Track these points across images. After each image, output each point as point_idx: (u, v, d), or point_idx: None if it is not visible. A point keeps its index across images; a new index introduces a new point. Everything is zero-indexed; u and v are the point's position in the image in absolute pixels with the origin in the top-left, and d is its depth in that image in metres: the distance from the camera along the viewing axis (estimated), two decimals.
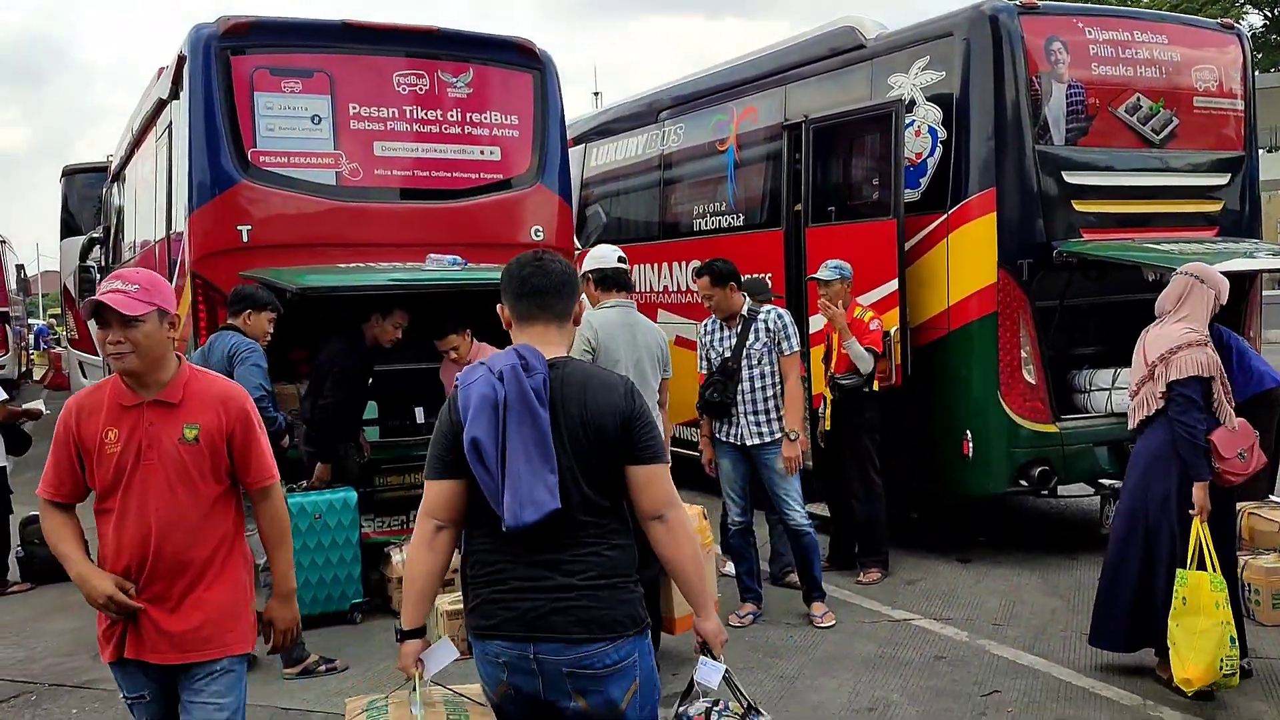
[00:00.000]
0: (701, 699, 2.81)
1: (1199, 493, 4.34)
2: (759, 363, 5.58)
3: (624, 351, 4.85)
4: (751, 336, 5.60)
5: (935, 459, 6.64)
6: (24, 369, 22.86)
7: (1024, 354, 6.35)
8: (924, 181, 6.76)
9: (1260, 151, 7.15)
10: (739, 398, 5.57)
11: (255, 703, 4.88)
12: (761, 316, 5.63)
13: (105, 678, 5.27)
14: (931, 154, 6.71)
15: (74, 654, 5.70)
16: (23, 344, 23.44)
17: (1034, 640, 5.36)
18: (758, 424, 5.58)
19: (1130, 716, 4.42)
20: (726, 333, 5.69)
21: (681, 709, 2.82)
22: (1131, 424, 4.60)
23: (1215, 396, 4.37)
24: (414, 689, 2.73)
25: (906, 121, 6.71)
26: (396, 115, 6.94)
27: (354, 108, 6.81)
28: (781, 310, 5.76)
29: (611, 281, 5.12)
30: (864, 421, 6.28)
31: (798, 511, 5.63)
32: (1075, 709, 4.52)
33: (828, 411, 6.39)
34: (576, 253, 8.17)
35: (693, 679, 2.79)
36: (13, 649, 5.84)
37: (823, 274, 6.37)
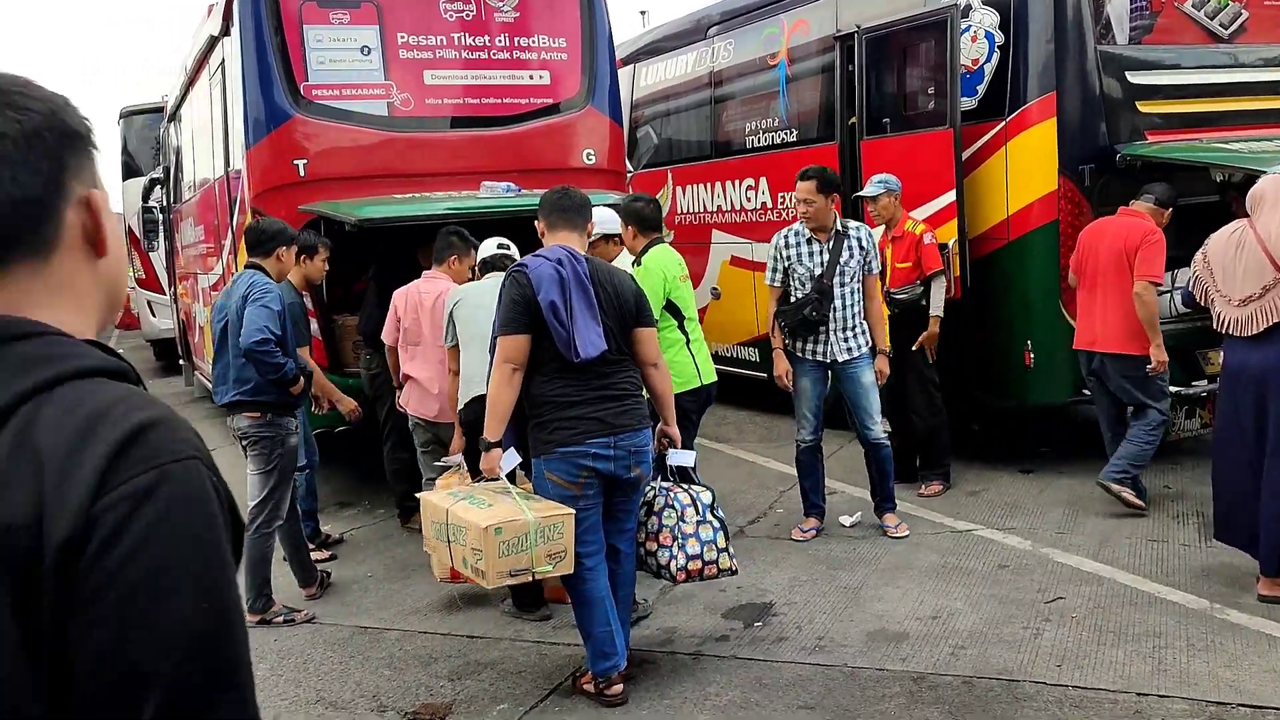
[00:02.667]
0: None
1: None
2: (851, 279, 5.53)
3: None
4: (845, 253, 5.52)
5: (996, 370, 6.60)
6: None
7: (1068, 283, 6.23)
8: (981, 89, 6.60)
9: None
10: (830, 315, 5.52)
11: (333, 622, 5.11)
12: (854, 233, 5.56)
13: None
14: (989, 60, 6.54)
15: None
16: None
17: (1098, 548, 5.37)
18: (847, 340, 5.56)
19: (1197, 620, 4.43)
20: (817, 247, 5.57)
21: (655, 484, 4.21)
22: (1251, 330, 4.38)
23: None
24: (505, 488, 3.92)
25: (962, 27, 6.54)
26: (445, 43, 6.94)
27: (402, 37, 6.82)
28: (870, 228, 5.73)
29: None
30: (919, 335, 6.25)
31: (878, 425, 5.67)
32: (1141, 613, 4.54)
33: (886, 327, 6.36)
34: (629, 175, 8.15)
35: (667, 463, 4.24)
36: None
37: (869, 190, 6.27)
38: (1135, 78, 6.32)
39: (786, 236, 5.69)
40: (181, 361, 12.93)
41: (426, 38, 6.88)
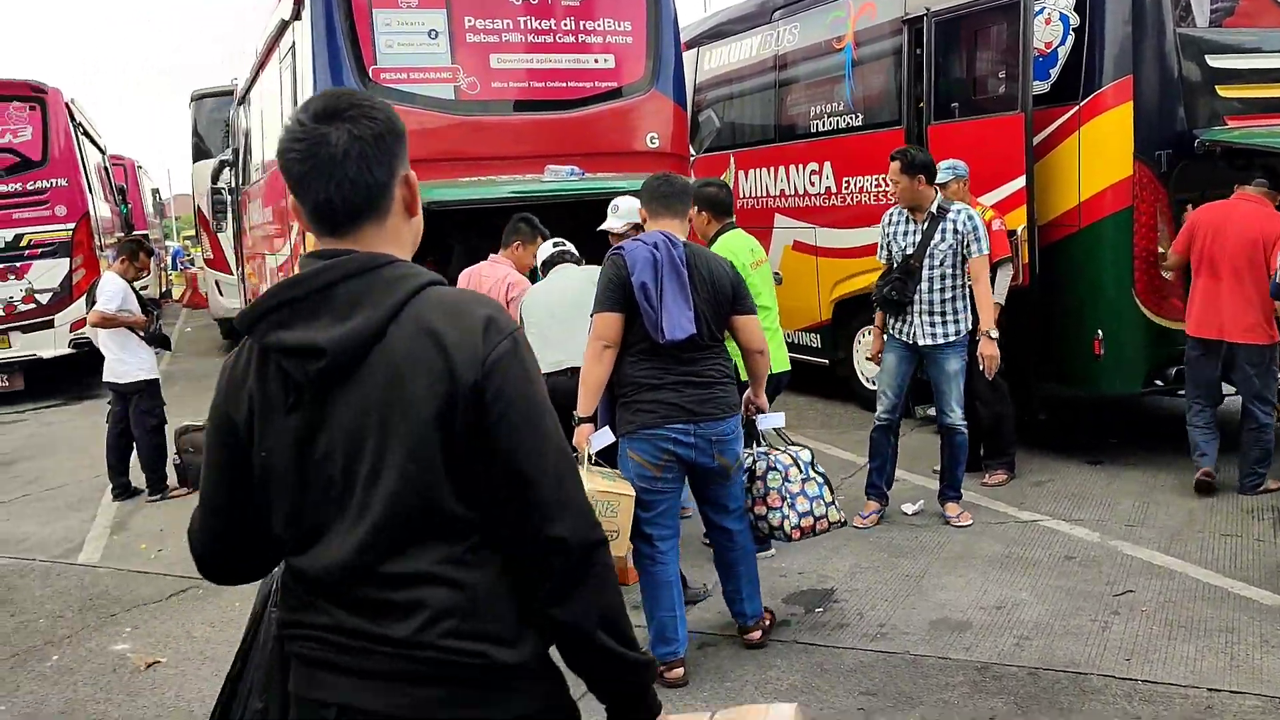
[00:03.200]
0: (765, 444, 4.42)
1: None
2: (941, 263, 5.46)
3: None
4: (938, 235, 5.48)
5: (1064, 360, 6.49)
6: (164, 289, 24.00)
7: (1161, 249, 6.11)
8: (1054, 72, 6.47)
9: None
10: (916, 297, 5.49)
11: None
12: (951, 216, 5.49)
13: None
14: (1062, 43, 6.41)
15: None
16: (161, 266, 24.59)
17: (1169, 542, 5.27)
18: (932, 324, 5.51)
19: (1272, 616, 4.34)
20: (912, 227, 5.57)
21: (752, 451, 4.32)
22: None
23: None
24: (581, 460, 3.88)
25: (1036, 9, 6.41)
26: (511, 27, 6.96)
27: (469, 21, 6.86)
28: (973, 210, 5.62)
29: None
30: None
31: (956, 412, 5.63)
32: (1214, 608, 4.45)
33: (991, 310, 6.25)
34: (691, 159, 8.13)
35: (758, 429, 4.42)
36: (179, 548, 6.25)
37: (937, 175, 6.18)
38: (1215, 61, 6.17)
39: (891, 215, 5.71)
40: None
41: (493, 21, 6.91)
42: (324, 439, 1.53)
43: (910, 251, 5.50)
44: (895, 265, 5.59)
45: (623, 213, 5.22)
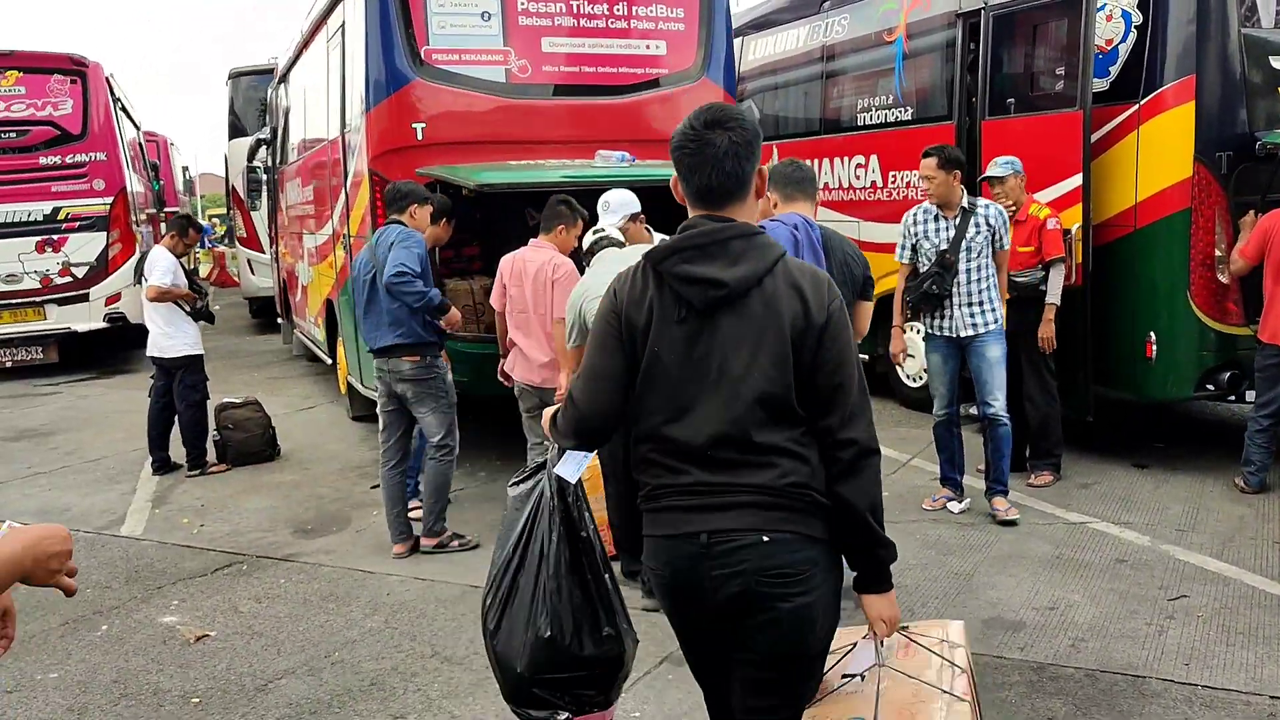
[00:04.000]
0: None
1: None
2: (977, 255, 5.55)
3: None
4: (972, 229, 5.57)
5: (1115, 361, 6.42)
6: (192, 266, 24.05)
7: (1218, 252, 6.03)
8: (1114, 70, 6.39)
9: None
10: (954, 290, 5.57)
11: (444, 579, 5.19)
12: (981, 210, 5.60)
13: (305, 553, 5.68)
14: (1124, 40, 6.32)
15: (274, 529, 6.12)
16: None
17: (1222, 547, 5.21)
18: (972, 315, 5.60)
19: None
20: (944, 224, 5.64)
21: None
22: None
23: None
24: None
25: (1098, 5, 6.33)
26: (563, 10, 6.94)
27: (522, 3, 6.84)
28: (998, 205, 5.72)
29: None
30: (1040, 321, 6.10)
31: (1000, 402, 5.66)
32: (1271, 615, 4.39)
33: (1004, 311, 6.23)
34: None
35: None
36: (220, 523, 6.31)
37: (995, 170, 6.13)
38: (1279, 63, 6.06)
39: (916, 214, 5.76)
40: (280, 320, 13.23)
41: (546, 5, 6.88)
42: (704, 343, 2.22)
43: (945, 247, 5.58)
44: (930, 261, 5.63)
45: (614, 207, 5.15)
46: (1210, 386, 6.21)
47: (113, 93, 13.13)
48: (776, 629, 2.21)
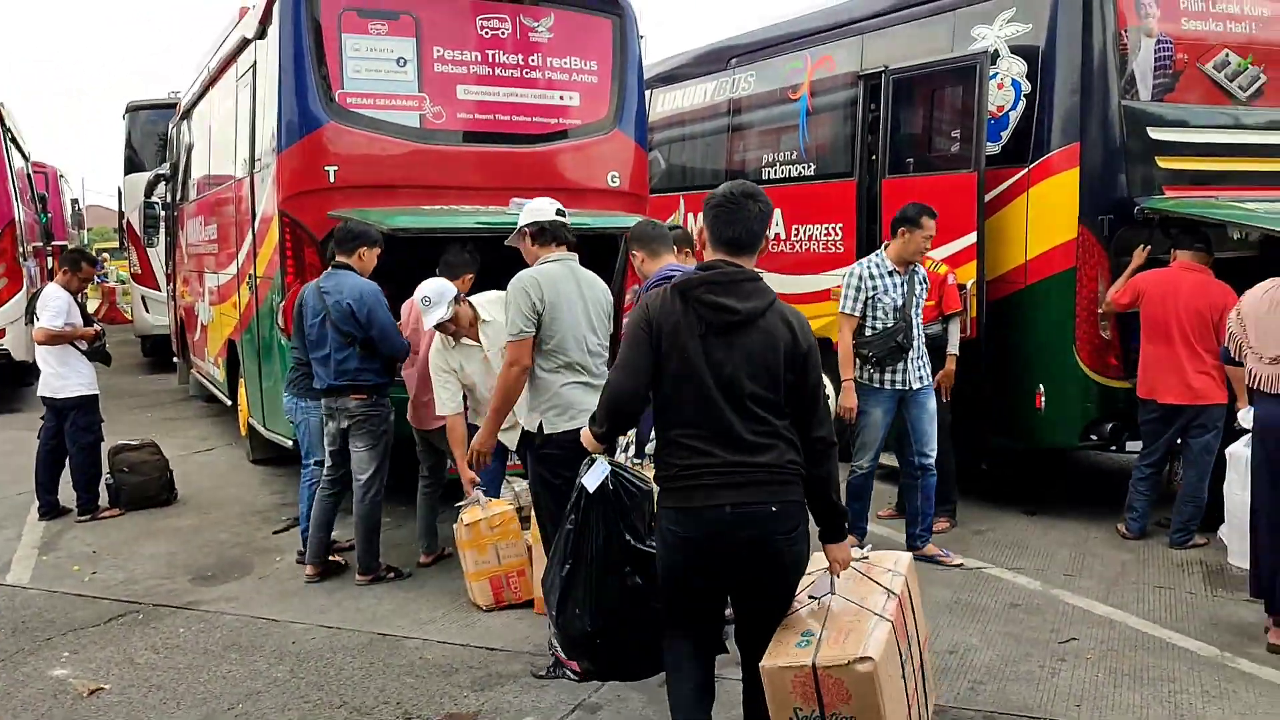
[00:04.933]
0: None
1: None
2: (918, 310, 5.84)
3: (569, 308, 4.41)
4: (919, 286, 5.85)
5: (1007, 411, 6.70)
6: (80, 301, 23.20)
7: (1101, 310, 6.37)
8: (1005, 135, 6.74)
9: None
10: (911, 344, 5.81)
11: (352, 628, 5.11)
12: (914, 268, 5.88)
13: (205, 600, 5.54)
14: (1014, 107, 6.68)
15: (172, 576, 5.95)
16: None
17: (1106, 592, 5.46)
18: (919, 368, 5.87)
19: (1209, 667, 4.53)
20: (898, 279, 5.81)
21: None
22: None
23: None
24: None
25: (990, 74, 6.68)
26: (479, 59, 7.02)
27: (438, 51, 6.90)
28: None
29: (550, 235, 4.62)
30: (939, 371, 6.34)
31: (935, 452, 5.93)
32: (1154, 657, 4.63)
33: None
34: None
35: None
36: (114, 570, 6.10)
37: None
38: (1156, 133, 6.47)
39: (869, 268, 5.85)
40: (176, 360, 12.87)
41: (462, 53, 6.95)
42: (719, 356, 3.03)
43: (901, 303, 5.76)
44: (888, 316, 5.75)
45: (435, 301, 5.24)
46: (1094, 436, 6.52)
47: (2, 122, 12.70)
48: (782, 570, 3.15)
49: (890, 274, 5.81)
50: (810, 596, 3.36)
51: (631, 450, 4.49)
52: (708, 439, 3.03)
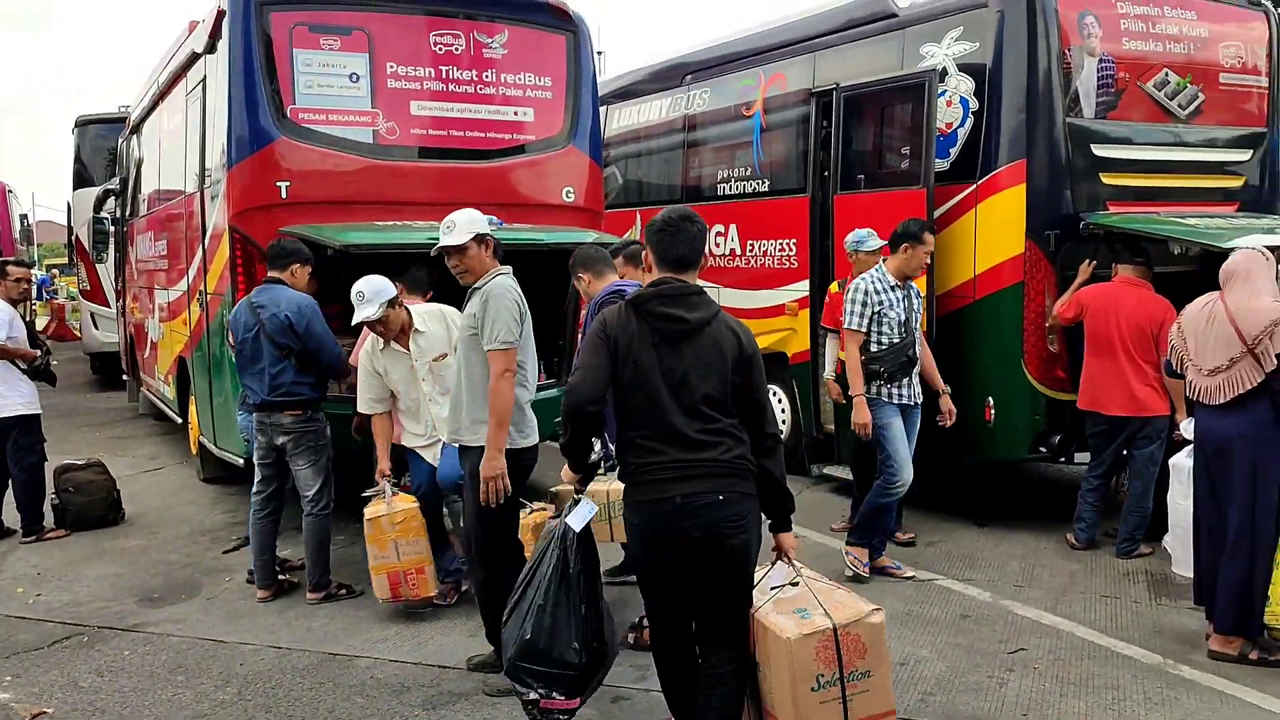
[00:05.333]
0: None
1: None
2: (918, 324, 5.91)
3: (528, 322, 4.54)
4: (916, 301, 5.91)
5: (958, 424, 6.76)
6: (28, 319, 22.80)
7: (1049, 323, 6.47)
8: (954, 151, 6.84)
9: None
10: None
11: (300, 647, 5.06)
12: (910, 283, 5.93)
13: (151, 622, 5.46)
14: (962, 124, 6.78)
15: (118, 598, 5.85)
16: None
17: (1055, 601, 5.53)
18: (917, 383, 5.94)
19: (1152, 674, 4.60)
20: (899, 295, 5.83)
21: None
22: (1219, 399, 4.61)
23: None
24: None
25: (939, 91, 6.79)
26: (432, 75, 7.02)
27: (391, 66, 6.88)
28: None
29: (496, 248, 4.71)
30: None
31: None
32: (1100, 666, 4.70)
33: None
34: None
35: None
36: (58, 592, 5.99)
37: (877, 244, 6.31)
38: (1100, 150, 6.60)
39: (874, 283, 5.81)
40: (126, 377, 12.67)
41: (415, 69, 6.94)
42: (671, 361, 3.31)
43: (905, 317, 5.82)
44: (894, 330, 5.75)
45: (369, 296, 5.26)
46: (1043, 449, 6.61)
47: None
48: (730, 557, 3.34)
49: (893, 288, 5.80)
50: (772, 587, 3.58)
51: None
52: (661, 439, 3.30)
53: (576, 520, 3.61)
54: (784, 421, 8.42)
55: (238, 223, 6.56)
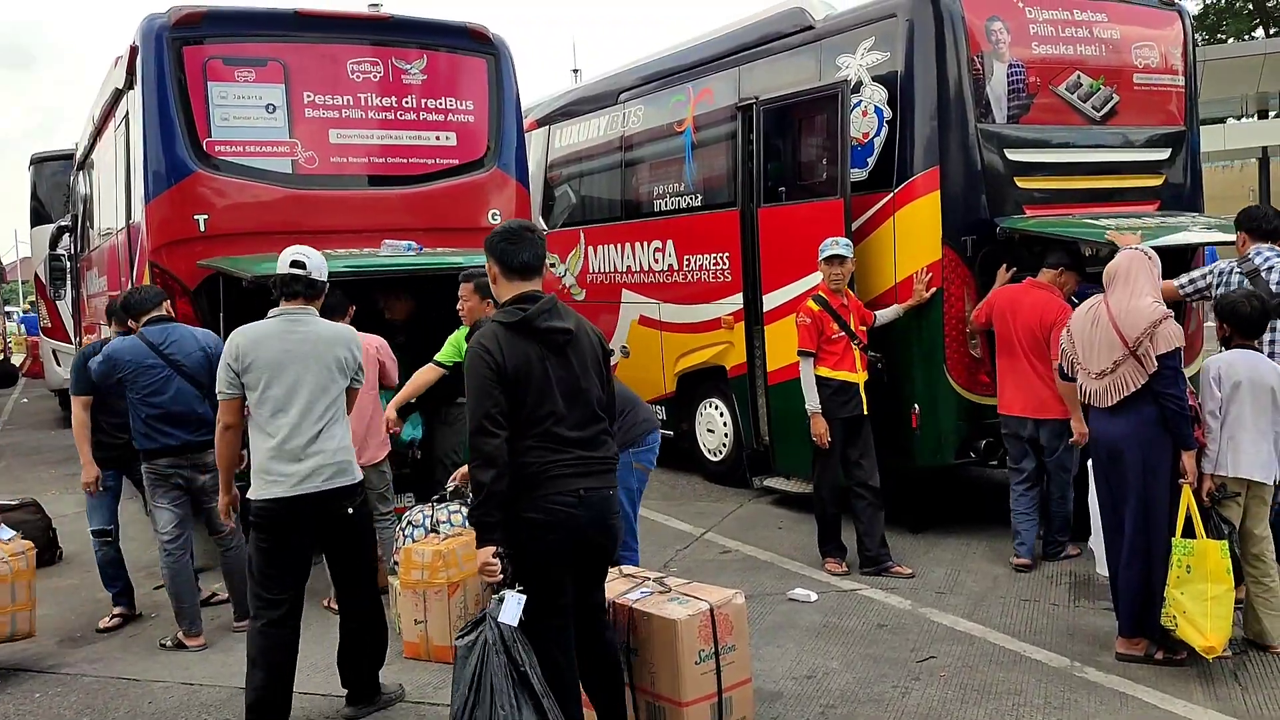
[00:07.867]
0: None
1: (1190, 461, 4.51)
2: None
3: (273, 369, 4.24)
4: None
5: (887, 431, 6.77)
6: (3, 355, 22.80)
7: (968, 329, 6.48)
8: (871, 161, 6.87)
9: (1229, 120, 7.14)
10: None
11: (212, 683, 5.03)
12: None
13: (68, 663, 5.43)
14: (878, 134, 6.82)
15: (38, 639, 5.79)
16: (2, 330, 23.38)
17: (973, 608, 5.53)
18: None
19: (1057, 678, 4.60)
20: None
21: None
22: (1107, 402, 4.63)
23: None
24: None
25: (853, 102, 6.82)
26: (351, 103, 7.03)
27: (309, 96, 6.90)
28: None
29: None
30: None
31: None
32: (1005, 671, 4.69)
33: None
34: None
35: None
36: None
37: (843, 250, 6.28)
38: (1014, 155, 6.63)
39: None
40: None
41: (333, 97, 6.97)
42: (561, 371, 3.55)
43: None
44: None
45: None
46: (971, 454, 6.62)
47: None
48: (613, 542, 3.79)
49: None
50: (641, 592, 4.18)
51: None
52: (562, 442, 3.54)
53: (511, 615, 3.41)
54: (725, 434, 8.43)
55: (156, 258, 6.57)
